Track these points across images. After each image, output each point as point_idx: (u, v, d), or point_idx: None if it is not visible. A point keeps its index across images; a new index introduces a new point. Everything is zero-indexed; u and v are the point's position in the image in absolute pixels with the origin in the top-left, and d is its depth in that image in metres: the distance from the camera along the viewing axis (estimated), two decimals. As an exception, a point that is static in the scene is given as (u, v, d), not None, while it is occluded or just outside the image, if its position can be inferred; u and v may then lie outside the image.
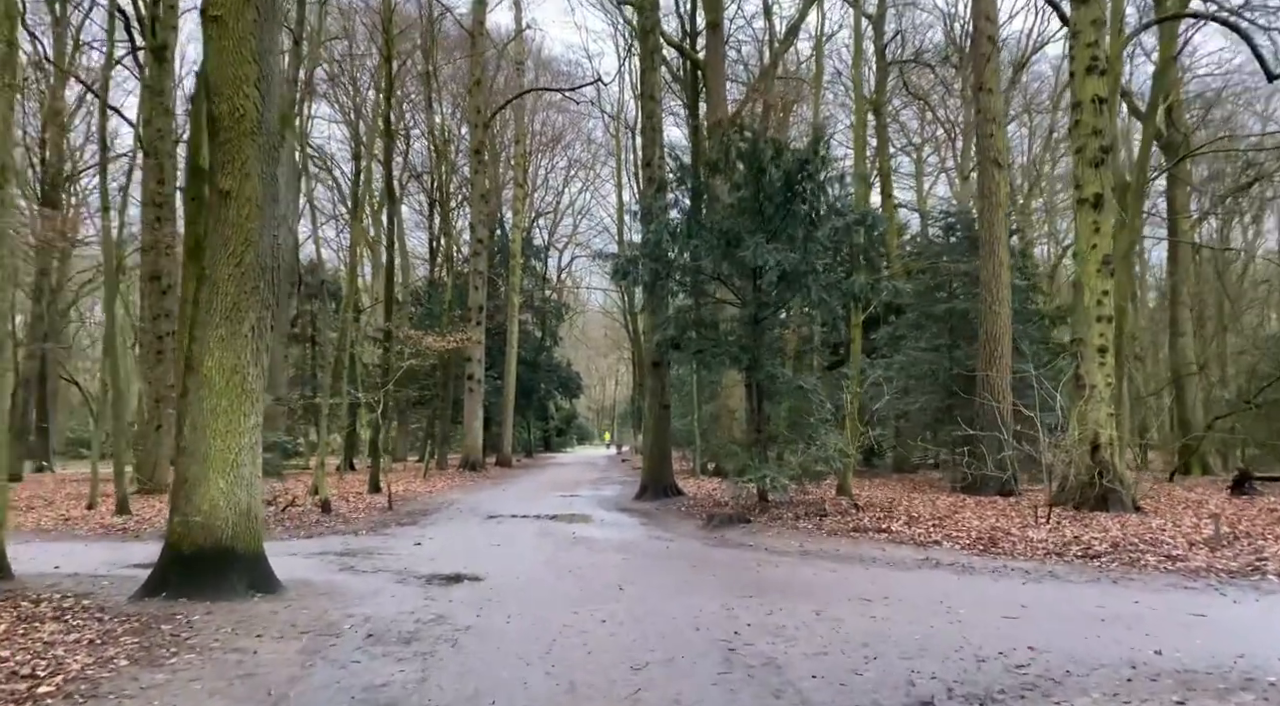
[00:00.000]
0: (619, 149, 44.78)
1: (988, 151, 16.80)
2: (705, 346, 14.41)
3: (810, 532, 11.89)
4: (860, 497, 16.12)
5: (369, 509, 17.13)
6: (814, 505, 14.60)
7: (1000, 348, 16.52)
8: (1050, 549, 9.87)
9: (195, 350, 7.68)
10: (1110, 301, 12.70)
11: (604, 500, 18.62)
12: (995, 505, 14.69)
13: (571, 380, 47.73)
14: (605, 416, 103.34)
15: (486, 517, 15.21)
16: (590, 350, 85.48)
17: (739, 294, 15.10)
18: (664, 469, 18.13)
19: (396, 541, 12.02)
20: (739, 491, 14.15)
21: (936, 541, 10.66)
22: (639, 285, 14.81)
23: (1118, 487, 12.41)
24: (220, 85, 7.54)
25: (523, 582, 8.29)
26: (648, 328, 18.14)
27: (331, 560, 10.08)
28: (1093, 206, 12.73)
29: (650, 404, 18.15)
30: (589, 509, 16.78)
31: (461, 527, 13.65)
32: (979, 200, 17.00)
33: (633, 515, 15.29)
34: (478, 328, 30.78)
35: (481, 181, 31.13)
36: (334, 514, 15.75)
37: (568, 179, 58.14)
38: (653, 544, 11.36)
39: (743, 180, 14.16)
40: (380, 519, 15.31)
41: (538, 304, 46.96)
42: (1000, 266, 16.63)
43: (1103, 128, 12.69)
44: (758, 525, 12.68)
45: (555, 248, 59.24)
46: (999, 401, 16.35)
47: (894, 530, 11.61)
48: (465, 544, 11.51)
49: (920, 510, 13.76)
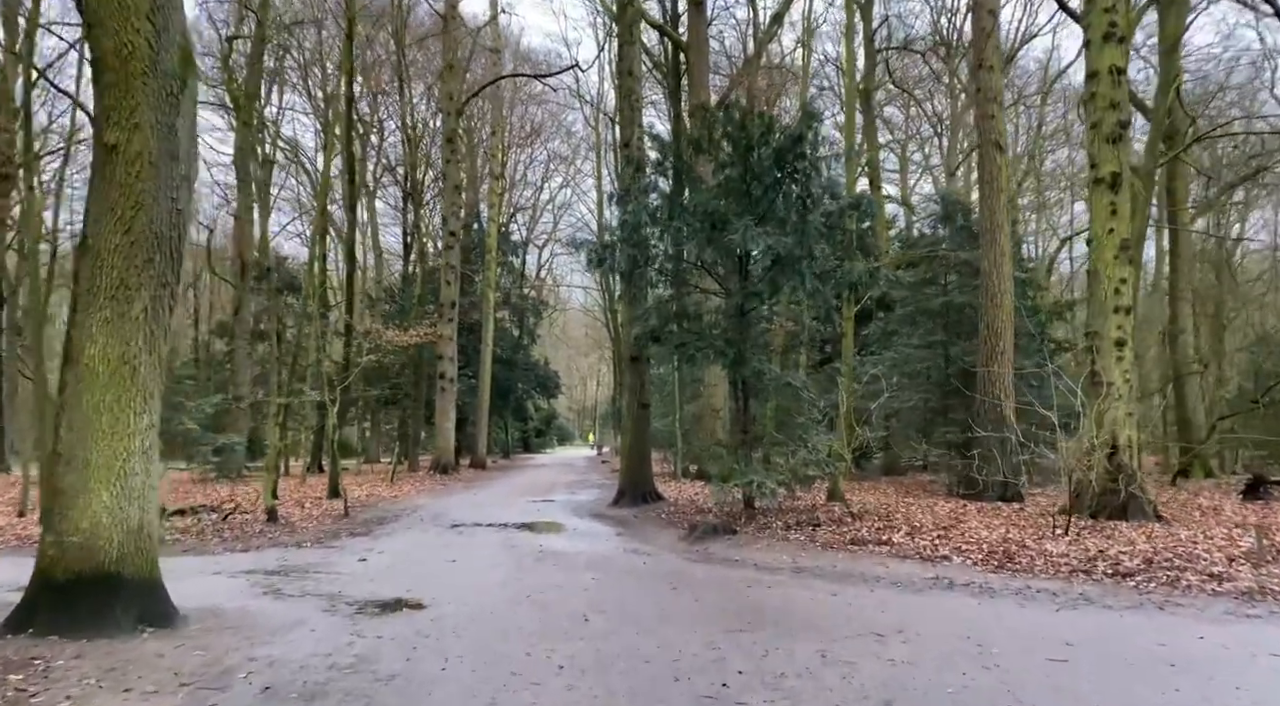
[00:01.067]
0: (598, 142, 43.54)
1: (988, 133, 15.72)
2: (688, 339, 13.21)
3: (803, 545, 10.71)
4: (853, 504, 14.99)
5: (322, 516, 15.83)
6: (805, 513, 13.44)
7: (1003, 343, 15.44)
8: (1075, 565, 8.75)
9: (75, 337, 6.38)
10: (1129, 290, 11.63)
11: (578, 506, 17.39)
12: (1000, 513, 13.59)
13: (549, 379, 46.41)
14: (586, 416, 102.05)
15: (448, 526, 13.94)
16: (571, 349, 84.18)
17: (723, 283, 13.93)
18: (643, 472, 16.92)
19: (341, 556, 10.74)
20: (723, 498, 12.97)
21: (945, 556, 9.52)
22: (616, 273, 13.59)
23: (1139, 494, 11.33)
24: (103, 15, 6.24)
25: (472, 611, 7.05)
26: (626, 320, 16.94)
27: (258, 581, 8.80)
28: (1109, 187, 11.66)
29: (628, 402, 16.94)
30: (561, 516, 15.55)
31: (418, 538, 12.37)
32: (979, 185, 15.93)
33: (608, 523, 14.08)
34: (450, 324, 29.43)
35: (454, 172, 29.79)
36: (281, 523, 14.45)
37: (547, 174, 56.95)
38: (628, 559, 10.14)
39: (729, 159, 12.98)
40: (332, 528, 14.02)
41: (515, 301, 45.60)
42: (1002, 256, 15.56)
43: (1120, 100, 11.62)
44: (744, 536, 11.50)
45: (535, 244, 57.93)
46: (1001, 400, 15.28)
47: (895, 542, 10.46)
48: (416, 559, 10.25)
49: (921, 519, 12.62)
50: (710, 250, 12.83)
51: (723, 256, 13.16)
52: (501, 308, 44.52)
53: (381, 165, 51.78)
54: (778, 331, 18.24)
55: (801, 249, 12.09)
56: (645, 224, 12.66)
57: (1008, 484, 15.00)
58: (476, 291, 39.11)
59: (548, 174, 56.67)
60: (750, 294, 12.71)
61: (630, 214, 12.66)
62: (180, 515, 15.30)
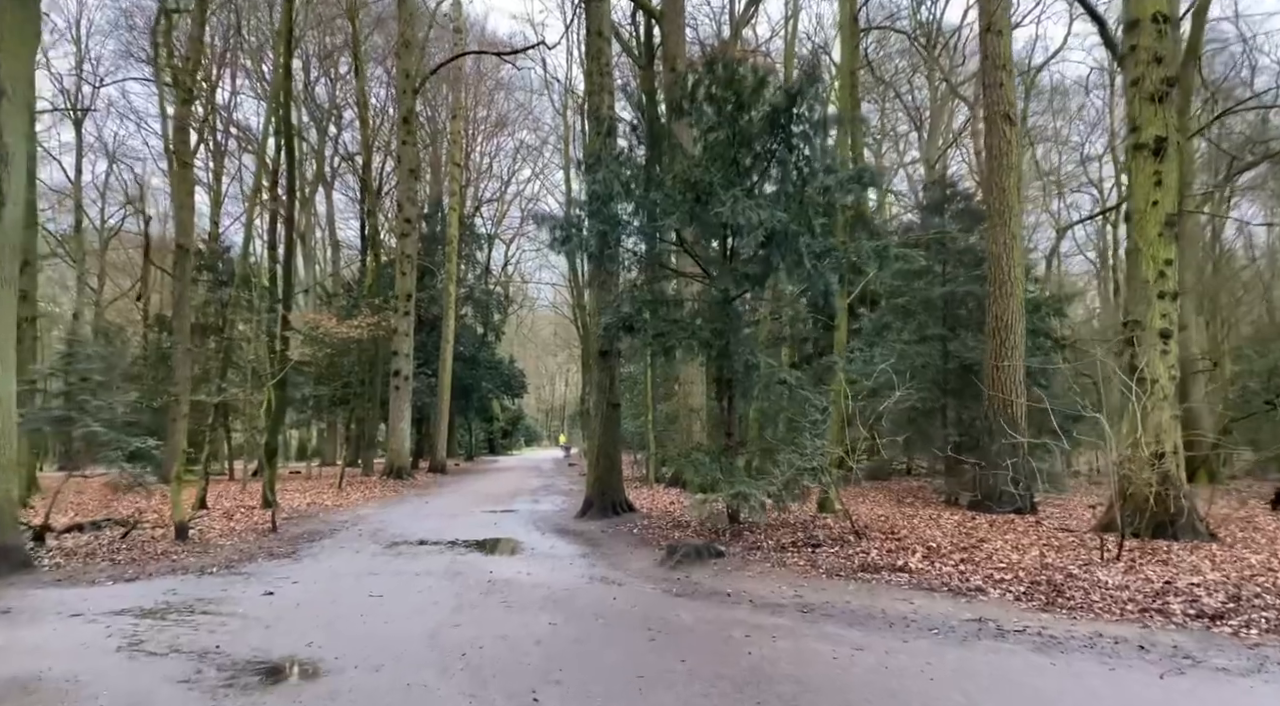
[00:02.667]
0: (567, 131, 41.63)
1: (997, 104, 14.15)
2: (666, 329, 11.43)
3: (803, 571, 8.99)
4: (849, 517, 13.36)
5: (246, 531, 13.87)
6: (798, 529, 11.75)
7: (1013, 337, 13.87)
8: (1142, 602, 7.12)
9: None
10: (1174, 273, 10.07)
11: (541, 518, 15.55)
12: (1015, 527, 12.00)
13: (514, 378, 44.41)
14: (555, 417, 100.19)
15: (387, 545, 12.05)
16: (539, 348, 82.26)
17: (706, 266, 12.19)
18: (612, 480, 15.10)
19: (247, 587, 8.84)
20: (705, 512, 11.22)
21: (979, 588, 7.84)
22: (584, 252, 11.75)
23: (1189, 509, 9.76)
24: None
25: (383, 683, 5.23)
26: (594, 309, 15.14)
27: (122, 628, 6.89)
28: (1153, 153, 10.09)
29: (597, 402, 15.13)
30: (520, 530, 13.71)
31: (346, 562, 10.48)
32: (986, 161, 14.37)
33: (573, 541, 12.27)
34: (406, 318, 27.43)
35: (410, 154, 27.76)
36: (192, 541, 12.47)
37: (514, 165, 54.98)
38: (595, 592, 8.34)
39: (715, 122, 11.24)
40: (251, 547, 12.07)
41: (479, 296, 43.52)
42: (1012, 240, 14.00)
43: (1165, 54, 10.07)
44: (733, 559, 9.75)
45: (501, 239, 55.89)
46: (1013, 400, 13.71)
47: (913, 568, 8.78)
48: (336, 593, 8.38)
49: (933, 536, 10.98)
50: (692, 226, 11.08)
51: (706, 234, 11.43)
52: (464, 303, 42.49)
53: (339, 155, 49.61)
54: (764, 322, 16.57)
55: (799, 224, 10.38)
56: (617, 195, 10.86)
57: (1020, 494, 13.43)
58: (437, 285, 37.09)
59: (515, 166, 54.81)
60: (740, 277, 10.97)
61: (600, 183, 10.85)
62: (76, 532, 13.26)
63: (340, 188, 51.11)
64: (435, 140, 47.64)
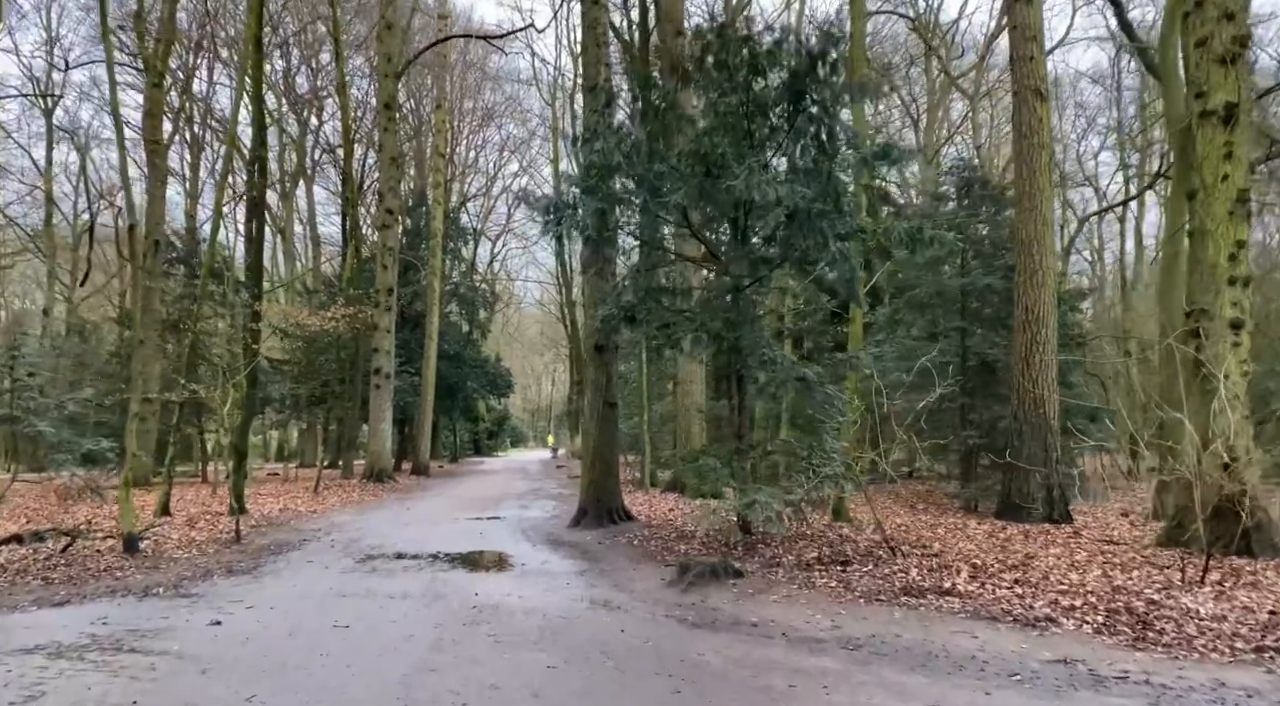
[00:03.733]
0: (555, 123, 40.36)
1: (1026, 78, 13.07)
2: (673, 320, 10.24)
3: (837, 595, 7.83)
4: (866, 525, 12.25)
5: (207, 543, 12.61)
6: (819, 541, 10.60)
7: (1045, 330, 12.78)
8: (1252, 637, 6.00)
9: None
10: (1246, 256, 9.00)
11: (531, 527, 14.35)
12: (1055, 539, 10.91)
13: (501, 377, 43.08)
14: (541, 417, 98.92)
15: (360, 559, 10.81)
16: (525, 348, 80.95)
17: (714, 250, 11.01)
18: (609, 485, 13.88)
19: (193, 613, 7.61)
20: (716, 523, 10.04)
21: (1049, 617, 6.70)
22: (579, 235, 10.54)
23: (1266, 522, 8.68)
24: None
25: (335, 762, 4.04)
26: (590, 300, 13.94)
27: (29, 670, 5.67)
28: (1223, 122, 9.02)
29: (591, 401, 13.92)
30: (509, 542, 12.50)
31: (312, 581, 9.24)
32: (1014, 141, 13.28)
33: (568, 555, 11.06)
34: (387, 313, 26.12)
35: (392, 142, 26.46)
36: (143, 554, 11.21)
37: (501, 160, 53.71)
38: (598, 621, 7.16)
39: (727, 87, 10.07)
40: (209, 561, 10.82)
41: (464, 293, 42.17)
42: (1044, 225, 12.91)
43: (1236, 10, 9.01)
44: (753, 579, 8.58)
45: (487, 236, 54.55)
46: (1045, 398, 12.62)
47: (962, 591, 7.64)
48: (294, 622, 7.15)
49: (969, 549, 9.86)
50: (701, 206, 9.91)
51: (717, 213, 10.26)
52: (449, 300, 41.16)
53: (321, 146, 48.15)
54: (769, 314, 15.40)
55: (825, 201, 9.23)
56: (619, 166, 9.66)
57: (1054, 500, 12.34)
58: (421, 281, 35.75)
59: (502, 160, 53.53)
60: (756, 261, 9.80)
61: (599, 154, 9.65)
62: (15, 544, 11.93)
63: (321, 182, 49.65)
64: (419, 132, 46.28)
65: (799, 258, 9.87)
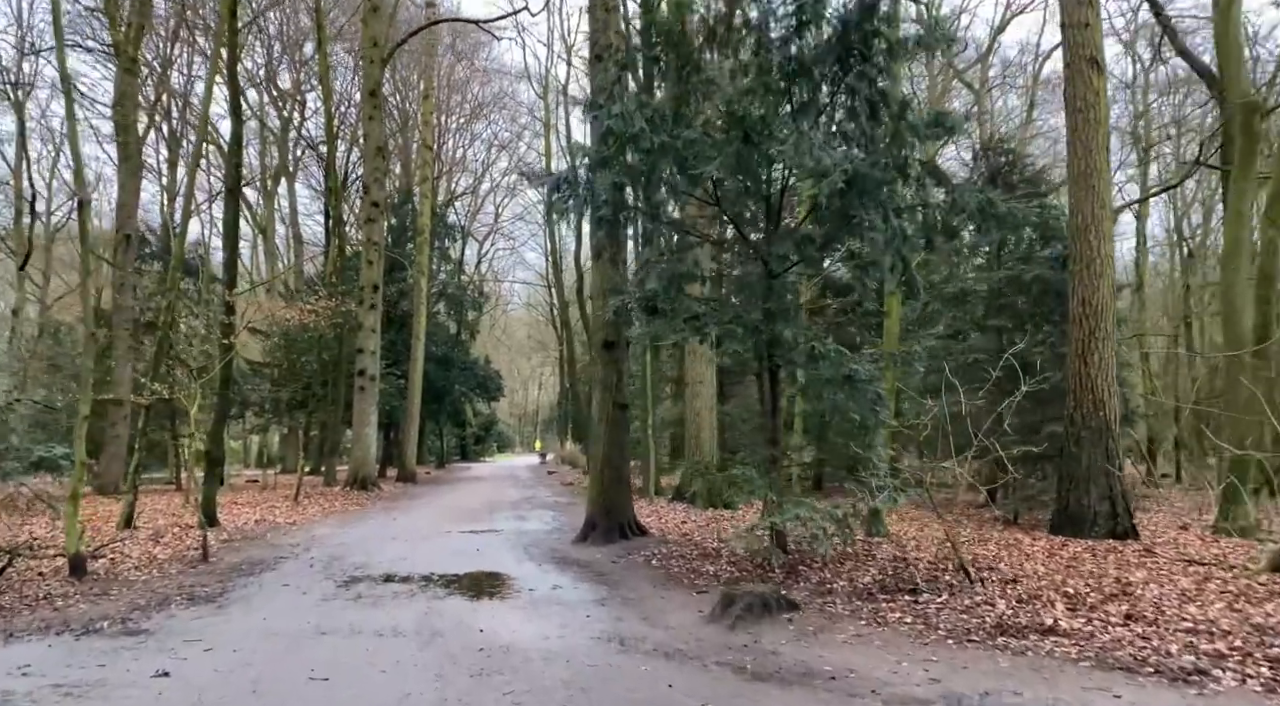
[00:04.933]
0: (548, 118, 39.01)
1: (1082, 47, 11.88)
2: (702, 311, 8.92)
3: (917, 634, 6.53)
4: (905, 541, 11.02)
5: (170, 561, 11.21)
6: (868, 562, 9.33)
7: (1104, 325, 11.58)
8: None
9: None
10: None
11: (531, 542, 13.00)
12: (1128, 558, 9.68)
13: (491, 380, 41.63)
14: (528, 422, 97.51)
15: (343, 582, 9.44)
16: (513, 352, 79.57)
17: (741, 229, 9.71)
18: (619, 496, 12.52)
19: (138, 658, 6.23)
20: (754, 544, 8.71)
21: (1199, 670, 5.41)
22: (590, 213, 9.20)
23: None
24: None
25: None
26: (598, 290, 12.61)
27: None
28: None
29: (600, 402, 12.58)
30: (509, 560, 11.15)
31: (287, 612, 7.87)
32: (1068, 118, 12.07)
33: (580, 577, 9.72)
34: (372, 312, 24.71)
35: (377, 131, 25.05)
36: (93, 577, 9.80)
37: (490, 158, 52.31)
38: (636, 673, 5.83)
39: (765, 43, 8.80)
40: (169, 585, 9.43)
41: (453, 292, 40.70)
42: (1101, 208, 11.72)
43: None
44: (809, 613, 7.27)
45: (474, 237, 53.11)
46: (1104, 401, 11.41)
47: (1068, 629, 6.36)
48: (260, 674, 5.79)
49: (1049, 573, 8.59)
50: (739, 177, 8.61)
51: (754, 186, 8.97)
52: (437, 300, 39.71)
53: (304, 141, 46.54)
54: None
55: (883, 170, 7.97)
56: (641, 133, 8.36)
57: (1119, 514, 11.11)
58: (407, 280, 34.31)
59: (490, 157, 52.12)
60: (800, 241, 8.52)
61: (618, 119, 8.34)
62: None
63: (303, 180, 48.09)
64: (405, 128, 44.84)
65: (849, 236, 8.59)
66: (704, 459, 16.86)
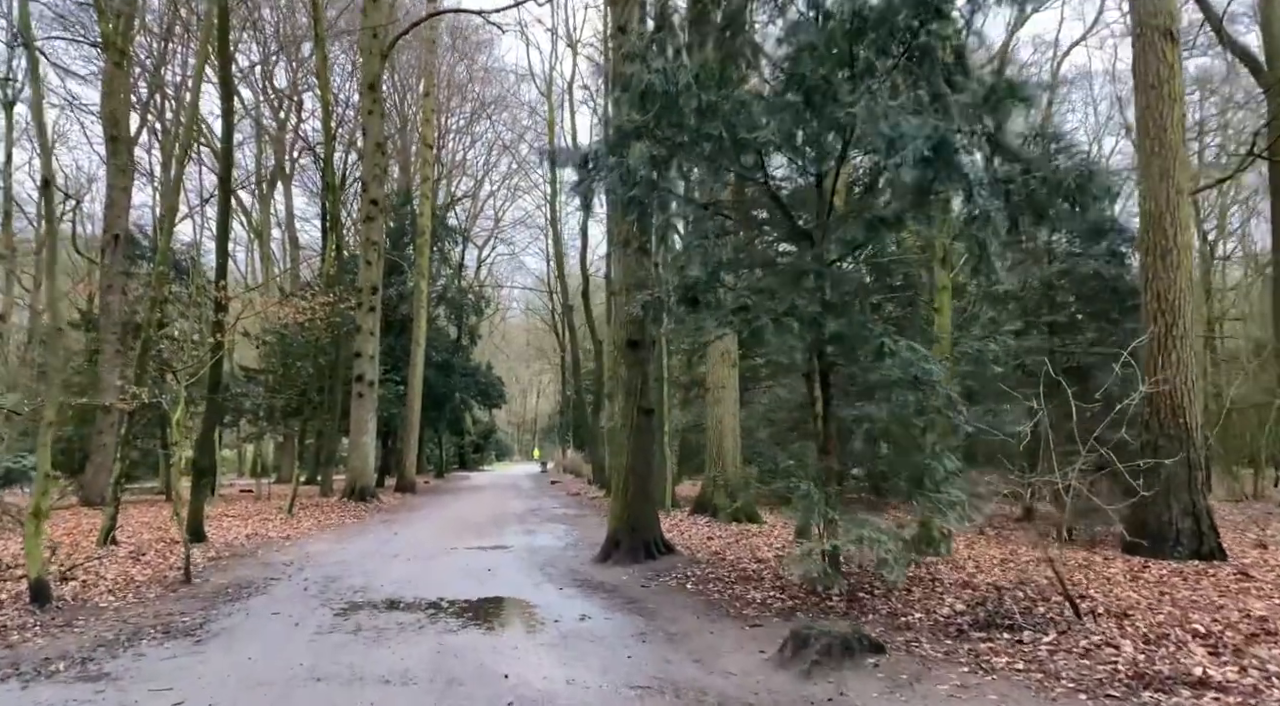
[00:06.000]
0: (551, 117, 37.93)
1: (1154, 16, 10.84)
2: (752, 302, 7.79)
3: (1038, 685, 5.38)
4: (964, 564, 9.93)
5: (149, 583, 10.08)
6: (937, 588, 8.21)
7: (1182, 320, 10.51)
8: None
9: None
10: None
11: (547, 560, 11.86)
12: (1222, 582, 8.60)
13: (492, 386, 40.48)
14: (526, 430, 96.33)
15: (340, 611, 8.30)
16: (512, 358, 78.34)
17: (794, 211, 8.62)
18: (645, 512, 11.36)
19: (89, 719, 5.11)
20: (811, 568, 7.58)
21: None
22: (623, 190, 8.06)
23: None
24: None
25: None
26: (621, 284, 11.50)
27: None
28: None
29: (624, 408, 11.45)
30: (526, 583, 10.01)
31: (275, 651, 6.72)
32: (1138, 94, 11.02)
33: (610, 606, 8.58)
34: (371, 314, 23.60)
35: (377, 125, 23.97)
36: (60, 604, 8.65)
37: (490, 161, 51.25)
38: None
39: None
40: (145, 613, 8.29)
41: (453, 296, 39.56)
42: (1177, 194, 10.65)
43: None
44: (895, 654, 6.14)
45: (474, 243, 52.01)
46: (1184, 406, 10.32)
47: (1221, 681, 5.24)
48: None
49: (1182, 614, 7.48)
50: (802, 144, 7.51)
51: (803, 162, 7.88)
52: (437, 304, 38.57)
53: (301, 141, 45.37)
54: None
55: (969, 137, 6.90)
56: (688, 90, 7.25)
57: (1204, 532, 10.01)
58: (407, 283, 33.19)
59: (491, 160, 51.04)
60: (874, 221, 7.42)
61: (660, 74, 7.25)
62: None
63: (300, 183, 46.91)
64: (404, 130, 43.80)
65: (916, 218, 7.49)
66: (727, 469, 15.75)
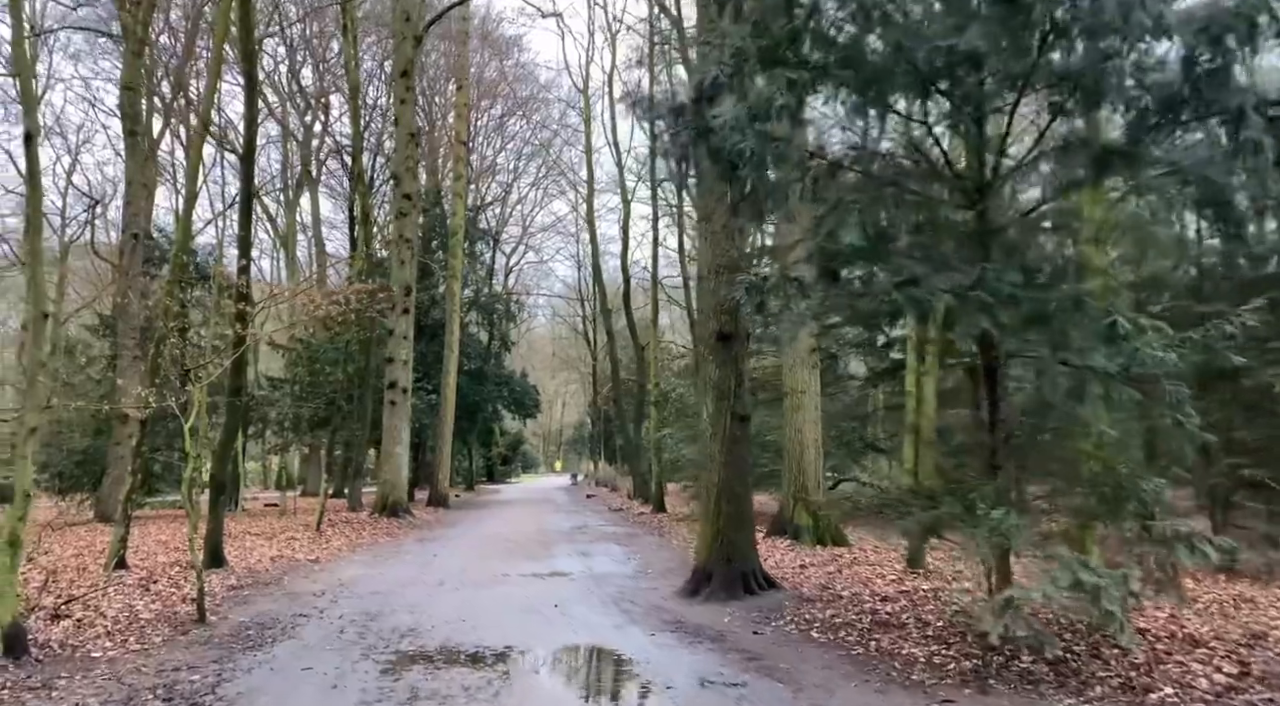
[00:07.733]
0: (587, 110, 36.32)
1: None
2: (922, 273, 5.98)
3: None
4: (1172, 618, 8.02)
5: (156, 621, 8.44)
6: (1166, 651, 6.37)
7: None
8: None
9: None
10: None
11: (617, 590, 10.10)
12: None
13: (527, 395, 38.83)
14: (551, 442, 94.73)
15: (386, 665, 6.55)
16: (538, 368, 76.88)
17: (949, 159, 6.84)
18: (741, 538, 9.48)
19: None
20: (1017, 623, 5.72)
21: None
22: (730, 145, 6.27)
23: None
24: None
25: None
26: (709, 266, 9.73)
27: None
28: None
29: (713, 414, 9.64)
30: (603, 623, 8.25)
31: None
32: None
33: (726, 662, 6.77)
34: (404, 317, 22.03)
35: (409, 115, 22.47)
36: (43, 654, 6.98)
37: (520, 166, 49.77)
38: None
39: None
40: (145, 666, 6.62)
41: (484, 300, 37.99)
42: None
43: None
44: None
45: (501, 251, 50.53)
46: None
47: None
48: None
49: None
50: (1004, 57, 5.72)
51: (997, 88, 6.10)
52: (469, 310, 37.04)
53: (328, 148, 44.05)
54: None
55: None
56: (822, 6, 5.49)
57: None
58: (438, 286, 31.68)
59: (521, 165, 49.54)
60: (1103, 155, 5.61)
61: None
62: None
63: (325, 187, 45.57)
64: (433, 129, 42.47)
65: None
66: (808, 485, 13.93)
